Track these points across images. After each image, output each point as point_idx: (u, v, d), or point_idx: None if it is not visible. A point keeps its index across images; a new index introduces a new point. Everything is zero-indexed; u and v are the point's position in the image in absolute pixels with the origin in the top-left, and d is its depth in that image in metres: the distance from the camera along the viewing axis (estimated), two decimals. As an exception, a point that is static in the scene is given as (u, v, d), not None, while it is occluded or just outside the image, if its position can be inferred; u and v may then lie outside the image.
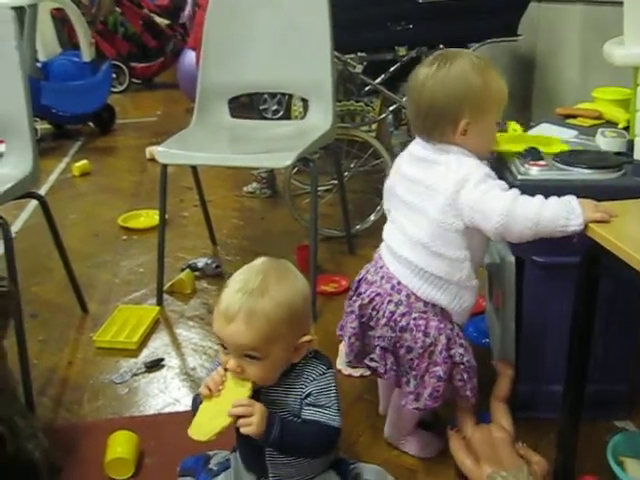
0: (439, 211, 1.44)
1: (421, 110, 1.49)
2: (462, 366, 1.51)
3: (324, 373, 1.36)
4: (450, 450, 1.60)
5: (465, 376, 1.52)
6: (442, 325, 1.50)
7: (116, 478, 1.63)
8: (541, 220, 1.34)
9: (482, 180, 1.42)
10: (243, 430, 1.25)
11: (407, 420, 1.65)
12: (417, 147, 1.55)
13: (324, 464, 1.42)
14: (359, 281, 1.62)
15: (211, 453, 1.51)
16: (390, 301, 1.52)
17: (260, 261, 1.35)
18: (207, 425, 1.28)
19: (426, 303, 1.50)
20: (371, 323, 1.55)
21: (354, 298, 1.60)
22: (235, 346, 1.27)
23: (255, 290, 1.26)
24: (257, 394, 1.31)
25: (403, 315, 1.50)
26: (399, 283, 1.51)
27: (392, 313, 1.51)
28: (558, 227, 1.33)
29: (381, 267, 1.57)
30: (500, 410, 1.65)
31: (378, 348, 1.53)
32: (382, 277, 1.55)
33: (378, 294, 1.54)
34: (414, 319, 1.49)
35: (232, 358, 1.28)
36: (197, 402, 1.36)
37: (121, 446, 1.66)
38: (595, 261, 1.34)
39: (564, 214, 1.32)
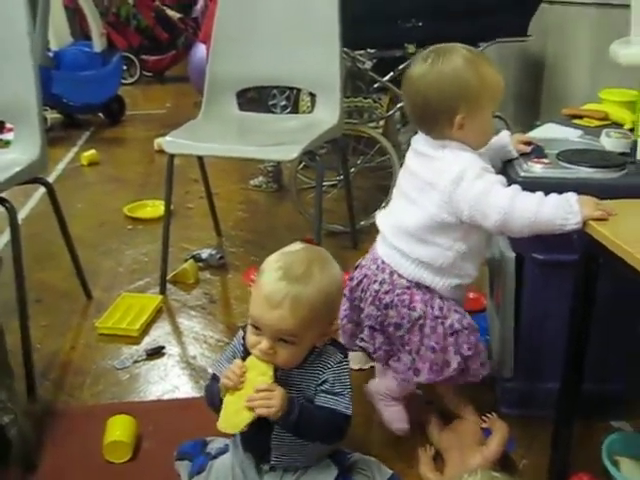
0: (434, 205, 1.45)
1: (417, 108, 1.49)
2: (466, 331, 1.52)
3: (341, 362, 1.39)
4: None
5: (472, 339, 1.53)
6: (427, 297, 1.52)
7: (113, 461, 1.65)
8: (539, 219, 1.35)
9: (478, 175, 1.41)
10: (261, 412, 1.27)
11: (400, 388, 1.66)
12: (418, 141, 1.55)
13: (325, 452, 1.44)
14: (355, 267, 1.65)
15: (208, 439, 1.52)
16: (375, 281, 1.55)
17: (299, 247, 1.37)
18: (236, 417, 1.29)
19: (409, 280, 1.52)
20: (361, 305, 1.58)
21: (347, 282, 1.62)
22: (274, 330, 1.29)
23: (300, 277, 1.28)
24: (275, 377, 1.33)
25: (387, 293, 1.53)
26: (383, 262, 1.54)
27: (377, 292, 1.54)
28: (556, 226, 1.34)
29: (373, 252, 1.61)
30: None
31: (367, 328, 1.57)
32: (371, 259, 1.59)
33: (366, 275, 1.57)
34: (397, 295, 1.52)
35: (266, 340, 1.30)
36: (213, 391, 1.38)
37: (119, 430, 1.67)
38: (594, 259, 1.35)
39: (562, 213, 1.33)
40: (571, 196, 1.35)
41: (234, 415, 1.30)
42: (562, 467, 1.55)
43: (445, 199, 1.43)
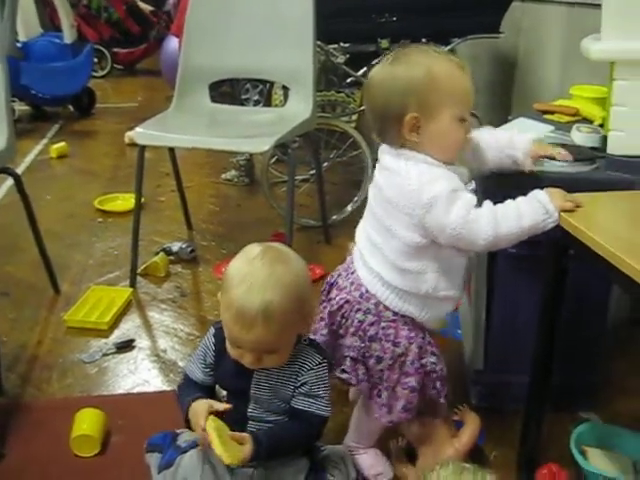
0: (404, 228, 1.35)
1: (369, 110, 1.40)
2: (434, 374, 1.46)
3: (320, 363, 1.37)
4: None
5: (438, 384, 1.48)
6: (412, 334, 1.44)
7: (81, 455, 1.63)
8: (523, 231, 1.31)
9: (451, 199, 1.29)
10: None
11: (370, 432, 1.61)
12: (381, 152, 1.43)
13: (302, 450, 1.43)
14: (331, 284, 1.54)
15: (178, 431, 1.50)
16: (359, 309, 1.46)
17: (258, 250, 1.31)
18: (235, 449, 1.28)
19: (395, 312, 1.44)
20: (340, 331, 1.49)
21: (324, 304, 1.53)
22: (254, 347, 1.28)
23: (265, 284, 1.24)
24: (249, 378, 1.35)
25: (372, 324, 1.44)
26: (367, 291, 1.45)
27: (361, 322, 1.45)
28: (539, 230, 1.31)
29: (352, 272, 1.50)
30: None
31: (348, 359, 1.47)
32: (352, 283, 1.48)
33: (347, 301, 1.47)
34: (383, 328, 1.44)
35: (248, 355, 1.29)
36: (183, 402, 1.38)
37: (87, 423, 1.65)
38: (564, 251, 1.36)
39: (541, 217, 1.30)
40: (540, 195, 1.32)
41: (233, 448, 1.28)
42: (531, 458, 1.57)
43: (415, 222, 1.32)
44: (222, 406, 1.32)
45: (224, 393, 1.45)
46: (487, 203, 1.33)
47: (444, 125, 1.33)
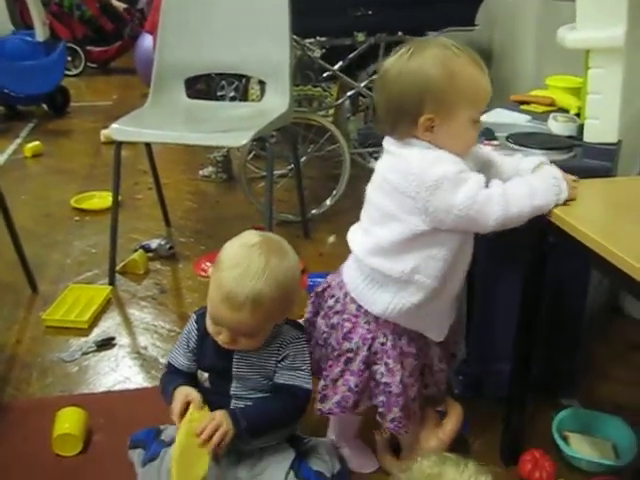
0: (407, 213, 1.29)
1: (380, 104, 1.35)
2: (381, 387, 1.40)
3: (299, 337, 1.42)
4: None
5: (383, 399, 1.41)
6: (369, 336, 1.39)
7: (63, 455, 1.61)
8: (535, 209, 1.28)
9: (457, 183, 1.24)
10: (221, 440, 1.29)
11: (345, 425, 1.61)
12: (386, 140, 1.37)
13: (283, 434, 1.45)
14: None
15: (162, 427, 1.49)
16: (332, 295, 1.47)
17: (256, 239, 1.33)
18: (190, 474, 1.28)
19: (359, 307, 1.40)
20: (320, 311, 1.52)
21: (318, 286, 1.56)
22: (235, 328, 1.30)
23: (259, 273, 1.27)
24: (230, 357, 1.38)
25: (337, 312, 1.45)
26: (342, 280, 1.45)
27: (330, 308, 1.47)
28: (549, 207, 1.29)
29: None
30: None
31: (313, 339, 1.51)
32: (340, 269, 1.49)
33: (329, 285, 1.50)
34: (343, 320, 1.43)
35: (226, 333, 1.32)
36: (167, 390, 1.41)
37: (68, 422, 1.63)
38: (543, 238, 1.37)
39: (554, 197, 1.28)
40: (554, 171, 1.32)
41: (188, 472, 1.28)
42: (514, 445, 1.58)
43: (419, 206, 1.26)
44: (198, 402, 1.34)
45: (206, 376, 1.45)
46: (496, 182, 1.30)
47: (459, 125, 1.29)
